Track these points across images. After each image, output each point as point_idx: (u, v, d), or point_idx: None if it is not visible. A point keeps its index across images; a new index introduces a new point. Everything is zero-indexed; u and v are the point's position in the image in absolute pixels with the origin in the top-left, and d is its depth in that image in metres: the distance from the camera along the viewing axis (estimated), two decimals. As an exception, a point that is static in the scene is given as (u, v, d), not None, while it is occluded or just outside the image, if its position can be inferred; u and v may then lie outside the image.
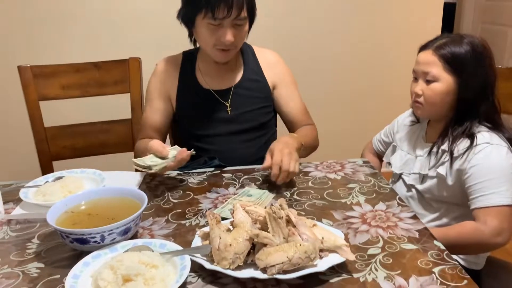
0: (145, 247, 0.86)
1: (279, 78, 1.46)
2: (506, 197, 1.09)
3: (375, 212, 1.04)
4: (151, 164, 1.13)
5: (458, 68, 1.15)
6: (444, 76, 1.16)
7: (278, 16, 2.46)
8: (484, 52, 1.17)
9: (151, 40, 2.31)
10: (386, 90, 2.69)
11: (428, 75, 1.18)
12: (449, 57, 1.15)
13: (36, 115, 1.62)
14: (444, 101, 1.18)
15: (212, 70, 1.42)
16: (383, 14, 2.57)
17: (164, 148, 1.15)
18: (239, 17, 1.25)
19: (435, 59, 1.17)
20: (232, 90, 1.41)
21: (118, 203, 0.99)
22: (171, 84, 1.43)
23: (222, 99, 1.41)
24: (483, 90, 1.17)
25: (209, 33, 1.28)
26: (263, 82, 1.45)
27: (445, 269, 0.82)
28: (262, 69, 1.45)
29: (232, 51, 1.33)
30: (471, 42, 1.16)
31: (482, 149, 1.13)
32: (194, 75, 1.43)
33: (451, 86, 1.17)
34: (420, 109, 1.23)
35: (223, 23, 1.25)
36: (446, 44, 1.17)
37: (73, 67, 1.65)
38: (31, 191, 1.14)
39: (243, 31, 1.31)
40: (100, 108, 1.91)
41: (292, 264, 0.78)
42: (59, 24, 2.27)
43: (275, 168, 1.12)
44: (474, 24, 3.96)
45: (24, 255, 0.91)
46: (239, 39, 1.31)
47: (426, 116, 1.29)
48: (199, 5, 1.23)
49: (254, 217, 0.89)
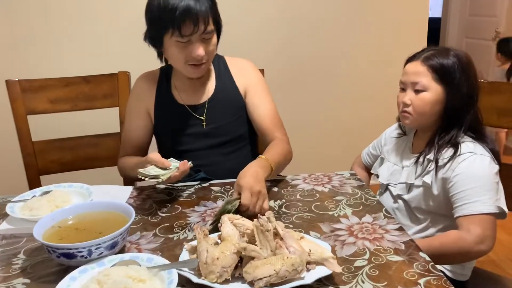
0: (132, 261, 0.86)
1: (249, 84, 1.45)
2: (489, 205, 1.11)
3: (362, 224, 1.05)
4: (159, 174, 1.12)
5: (446, 78, 1.18)
6: (433, 85, 1.19)
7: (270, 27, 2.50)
8: (469, 64, 1.21)
9: (140, 54, 2.32)
10: (373, 103, 2.72)
11: (417, 85, 1.20)
12: (438, 67, 1.18)
13: (24, 129, 1.61)
14: (432, 110, 1.21)
15: (186, 86, 1.42)
16: (369, 29, 2.62)
17: (165, 159, 1.15)
18: (206, 31, 1.25)
19: (424, 69, 1.20)
20: (206, 104, 1.41)
21: (106, 217, 0.99)
22: (149, 100, 1.43)
23: (197, 114, 1.41)
24: (469, 100, 1.20)
25: (178, 50, 1.28)
26: (235, 92, 1.44)
27: (431, 280, 0.83)
28: (234, 78, 1.45)
29: (205, 65, 1.33)
30: (457, 54, 1.20)
31: (466, 158, 1.15)
32: (170, 91, 1.43)
33: (440, 96, 1.19)
34: (409, 118, 1.25)
35: (191, 39, 1.25)
36: (434, 55, 1.20)
37: (62, 81, 1.65)
38: (17, 205, 1.14)
39: (212, 44, 1.31)
40: (88, 122, 1.90)
41: (280, 277, 0.78)
42: (48, 38, 2.28)
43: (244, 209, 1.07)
44: (458, 38, 4.06)
45: (10, 270, 0.90)
46: (209, 53, 1.31)
47: (414, 126, 1.31)
48: (165, 25, 1.24)
49: (242, 230, 0.90)
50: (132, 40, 2.31)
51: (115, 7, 2.31)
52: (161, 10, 1.23)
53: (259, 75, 1.49)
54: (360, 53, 2.65)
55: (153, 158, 1.16)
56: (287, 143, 1.40)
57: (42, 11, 2.24)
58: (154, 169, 1.15)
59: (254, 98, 1.44)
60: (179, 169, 1.15)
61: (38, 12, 2.24)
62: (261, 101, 1.44)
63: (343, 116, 2.74)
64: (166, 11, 1.22)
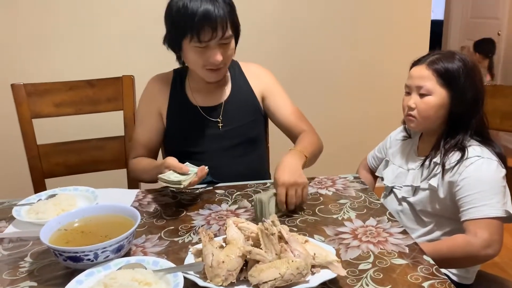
0: (138, 264, 0.86)
1: (266, 88, 1.48)
2: (496, 209, 1.11)
3: (366, 228, 1.06)
4: (180, 179, 1.12)
5: (451, 82, 1.19)
6: (437, 89, 1.19)
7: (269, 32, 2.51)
8: (474, 68, 1.22)
9: (144, 58, 2.33)
10: (376, 105, 2.73)
11: (422, 89, 1.21)
12: (443, 71, 1.19)
13: (29, 132, 1.62)
14: (437, 114, 1.21)
15: (201, 88, 1.43)
16: (371, 31, 2.63)
17: (182, 164, 1.15)
18: (224, 37, 1.26)
19: (429, 73, 1.20)
20: (222, 106, 1.43)
21: (111, 220, 0.99)
22: (162, 101, 1.44)
23: (212, 116, 1.42)
24: (474, 104, 1.20)
25: (197, 55, 1.29)
26: (251, 95, 1.47)
27: (435, 284, 0.83)
28: (249, 82, 1.47)
29: (222, 69, 1.35)
30: (463, 58, 1.20)
31: (473, 162, 1.16)
32: (184, 92, 1.44)
33: (444, 100, 1.20)
34: (413, 122, 1.26)
35: (209, 44, 1.26)
36: (439, 59, 1.20)
37: (66, 85, 1.67)
38: (24, 209, 1.14)
39: (230, 49, 1.32)
40: (93, 125, 1.92)
41: (285, 280, 0.79)
42: (53, 42, 2.29)
43: (281, 205, 1.12)
44: (460, 41, 4.06)
45: (17, 273, 0.91)
46: (227, 58, 1.33)
47: (419, 129, 1.31)
48: (184, 30, 1.25)
49: (247, 233, 0.90)
50: (137, 44, 2.34)
51: (120, 11, 2.32)
52: (180, 15, 1.24)
53: (274, 78, 1.52)
54: (363, 56, 2.65)
55: (171, 163, 1.16)
56: (315, 133, 1.44)
57: (46, 15, 2.25)
58: (174, 174, 1.14)
59: (275, 101, 1.48)
60: (197, 174, 1.15)
61: (43, 16, 2.25)
62: (282, 102, 1.48)
63: (345, 119, 2.74)
64: (185, 17, 1.23)
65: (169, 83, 1.46)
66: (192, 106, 1.43)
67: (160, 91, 1.45)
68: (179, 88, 1.45)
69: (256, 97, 1.47)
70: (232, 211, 1.17)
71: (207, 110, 1.43)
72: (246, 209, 1.18)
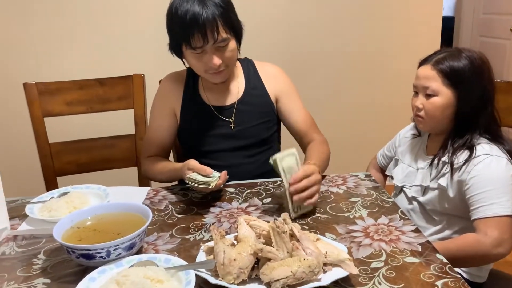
0: (150, 262, 0.87)
1: (281, 90, 1.47)
2: (506, 208, 1.10)
3: (377, 226, 1.05)
4: (208, 180, 1.12)
5: (456, 82, 1.17)
6: (443, 90, 1.18)
7: (276, 28, 2.50)
8: (483, 65, 1.19)
9: (155, 56, 2.34)
10: (387, 103, 2.71)
11: (427, 90, 1.20)
12: (448, 71, 1.17)
13: (41, 131, 1.64)
14: (444, 114, 1.20)
15: (214, 87, 1.43)
16: (383, 28, 2.61)
17: (205, 166, 1.15)
18: (218, 41, 1.24)
19: (434, 73, 1.19)
20: (235, 106, 1.42)
21: (123, 218, 1.00)
22: (176, 99, 1.44)
23: (225, 116, 1.42)
24: (481, 103, 1.18)
25: (195, 60, 1.29)
26: (265, 96, 1.46)
27: (448, 283, 0.82)
28: (263, 82, 1.46)
29: (225, 71, 1.33)
30: (469, 56, 1.18)
31: (482, 160, 1.14)
32: (197, 91, 1.44)
33: (450, 100, 1.18)
34: (422, 122, 1.25)
35: (205, 49, 1.25)
36: (444, 58, 1.19)
37: (77, 84, 1.68)
38: (36, 207, 1.16)
39: (229, 50, 1.29)
40: (103, 123, 1.93)
41: (296, 278, 0.79)
42: (64, 41, 2.31)
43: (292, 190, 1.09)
44: (472, 37, 4.01)
45: (31, 270, 0.92)
46: (227, 59, 1.30)
47: (427, 130, 1.31)
48: (178, 37, 1.26)
49: (258, 231, 0.90)
50: (148, 43, 2.34)
51: (130, 10, 2.33)
52: (173, 22, 1.26)
53: (289, 81, 1.50)
54: (373, 52, 2.63)
55: (194, 165, 1.16)
56: (326, 143, 1.43)
57: (58, 14, 2.27)
58: (199, 176, 1.14)
59: (289, 104, 1.46)
60: (221, 177, 1.15)
61: (54, 16, 2.27)
62: (296, 107, 1.47)
63: (355, 117, 2.73)
64: (177, 24, 1.24)
65: (182, 81, 1.46)
66: (205, 105, 1.43)
67: (174, 89, 1.45)
68: (192, 86, 1.45)
69: (270, 98, 1.46)
70: (243, 209, 1.17)
71: (220, 109, 1.42)
72: (256, 207, 1.18)
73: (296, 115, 1.46)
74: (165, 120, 1.45)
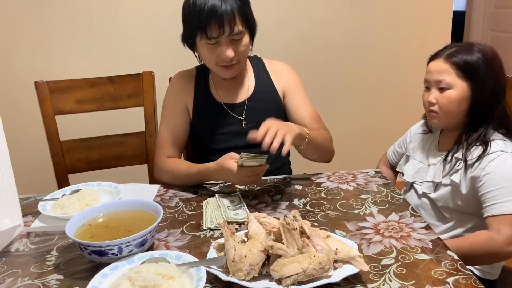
0: (161, 258, 0.87)
1: (288, 86, 1.47)
2: None
3: (388, 223, 1.05)
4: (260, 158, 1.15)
5: (471, 74, 1.16)
6: (457, 82, 1.17)
7: (285, 24, 2.49)
8: (495, 58, 1.18)
9: (164, 54, 2.35)
10: (397, 99, 2.69)
11: (441, 83, 1.19)
12: (461, 64, 1.16)
13: (52, 129, 1.66)
14: (459, 108, 1.19)
15: (224, 84, 1.43)
16: (393, 23, 2.59)
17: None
18: (233, 32, 1.25)
19: (447, 66, 1.18)
20: (245, 104, 1.43)
21: (135, 215, 1.01)
22: (188, 96, 1.44)
23: (236, 113, 1.42)
24: (495, 95, 1.17)
25: (208, 52, 1.29)
26: (274, 93, 1.46)
27: (459, 280, 0.82)
28: (272, 79, 1.47)
29: (236, 65, 1.34)
30: (481, 49, 1.18)
31: (496, 157, 1.13)
32: (208, 89, 1.44)
33: (466, 93, 1.17)
34: (436, 118, 1.24)
35: (219, 41, 1.26)
36: (457, 52, 1.18)
37: (88, 82, 1.69)
38: (49, 204, 1.17)
39: (242, 45, 1.30)
40: (114, 121, 1.94)
41: (307, 275, 0.79)
42: (74, 40, 2.32)
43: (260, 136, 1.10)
44: (483, 32, 3.96)
45: (44, 267, 0.93)
46: (240, 54, 1.31)
47: (442, 125, 1.29)
48: (194, 28, 1.26)
49: (268, 228, 0.90)
50: (157, 41, 2.35)
51: (139, 8, 2.34)
52: (190, 12, 1.25)
53: (296, 77, 1.50)
54: (383, 48, 2.62)
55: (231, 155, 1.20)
56: (329, 135, 1.41)
57: (68, 13, 2.28)
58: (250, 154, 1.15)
59: (295, 100, 1.46)
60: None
61: (64, 14, 2.28)
62: (302, 103, 1.45)
63: (365, 113, 2.71)
64: (193, 14, 1.24)
65: (193, 79, 1.46)
66: (216, 102, 1.43)
67: (186, 86, 1.45)
68: (203, 84, 1.45)
69: (279, 95, 1.46)
70: (252, 205, 1.17)
71: (231, 107, 1.43)
72: (266, 203, 1.18)
73: (303, 111, 1.44)
74: (181, 117, 1.44)
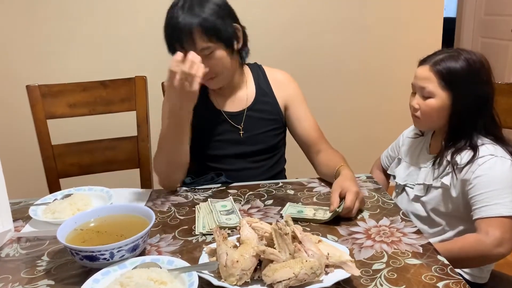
0: (153, 263, 0.87)
1: (290, 98, 1.46)
2: (509, 208, 1.10)
3: (379, 228, 1.06)
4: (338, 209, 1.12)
5: (452, 84, 1.18)
6: (439, 92, 1.19)
7: (282, 31, 2.51)
8: (481, 68, 1.20)
9: (157, 58, 2.34)
10: (390, 104, 2.71)
11: (424, 91, 1.21)
12: (444, 73, 1.18)
13: (44, 133, 1.65)
14: (439, 115, 1.22)
15: (224, 92, 1.42)
16: (384, 29, 2.61)
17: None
18: (199, 49, 1.22)
19: (431, 75, 1.20)
20: (245, 113, 1.42)
21: (126, 220, 1.00)
22: None
23: (234, 121, 1.41)
24: (478, 105, 1.19)
25: None
26: (274, 103, 1.45)
27: (450, 284, 0.83)
28: (272, 89, 1.45)
29: (217, 78, 1.32)
30: (468, 58, 1.19)
31: (486, 160, 1.15)
32: (207, 95, 1.43)
33: (445, 102, 1.19)
34: (418, 122, 1.28)
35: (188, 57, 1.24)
36: (443, 60, 1.19)
37: (80, 86, 1.68)
38: (40, 208, 1.16)
39: (215, 58, 1.26)
40: (106, 125, 1.93)
41: (299, 280, 0.79)
42: (67, 43, 2.32)
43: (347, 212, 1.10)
44: (474, 38, 4.01)
45: (35, 272, 0.93)
46: (216, 67, 1.28)
47: (423, 129, 1.33)
48: (167, 44, 1.29)
49: (260, 233, 0.90)
50: (149, 44, 2.35)
51: (131, 12, 2.34)
52: (164, 28, 1.28)
53: (297, 87, 1.49)
54: (375, 54, 2.64)
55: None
56: (335, 149, 1.43)
57: (60, 16, 2.28)
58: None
59: (297, 112, 1.45)
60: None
61: (57, 18, 2.28)
62: (304, 115, 1.45)
63: (359, 118, 2.73)
64: (164, 30, 1.27)
65: None
66: (215, 109, 1.42)
67: None
68: (203, 90, 1.42)
69: (279, 105, 1.45)
70: (245, 210, 1.17)
71: (230, 115, 1.42)
72: (259, 208, 1.18)
73: (306, 123, 1.44)
74: None
